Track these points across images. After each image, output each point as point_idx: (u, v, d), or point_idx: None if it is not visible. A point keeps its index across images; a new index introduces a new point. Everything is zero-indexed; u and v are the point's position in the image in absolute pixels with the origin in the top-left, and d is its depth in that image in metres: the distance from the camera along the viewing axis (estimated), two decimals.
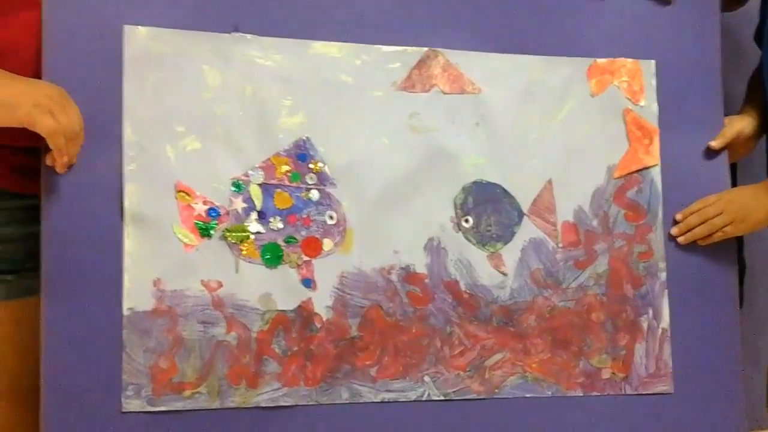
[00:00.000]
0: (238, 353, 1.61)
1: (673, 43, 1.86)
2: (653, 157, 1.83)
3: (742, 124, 1.87)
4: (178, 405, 1.58)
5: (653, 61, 1.86)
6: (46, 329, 1.53)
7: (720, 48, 1.87)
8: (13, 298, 1.60)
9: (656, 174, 1.84)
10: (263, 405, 1.63)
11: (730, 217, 1.78)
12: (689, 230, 1.82)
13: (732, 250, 1.86)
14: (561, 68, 1.81)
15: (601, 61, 1.83)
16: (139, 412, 1.57)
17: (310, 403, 1.65)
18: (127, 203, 1.57)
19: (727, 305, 1.85)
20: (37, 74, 1.52)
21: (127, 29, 1.59)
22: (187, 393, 1.59)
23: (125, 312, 1.56)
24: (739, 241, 1.85)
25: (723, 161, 1.87)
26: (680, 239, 1.82)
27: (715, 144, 1.84)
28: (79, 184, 1.56)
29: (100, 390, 1.55)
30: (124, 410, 1.56)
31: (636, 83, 1.84)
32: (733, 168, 1.92)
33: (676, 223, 1.83)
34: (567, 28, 1.82)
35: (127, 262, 1.57)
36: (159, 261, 1.59)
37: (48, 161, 1.49)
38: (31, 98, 1.43)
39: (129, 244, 1.57)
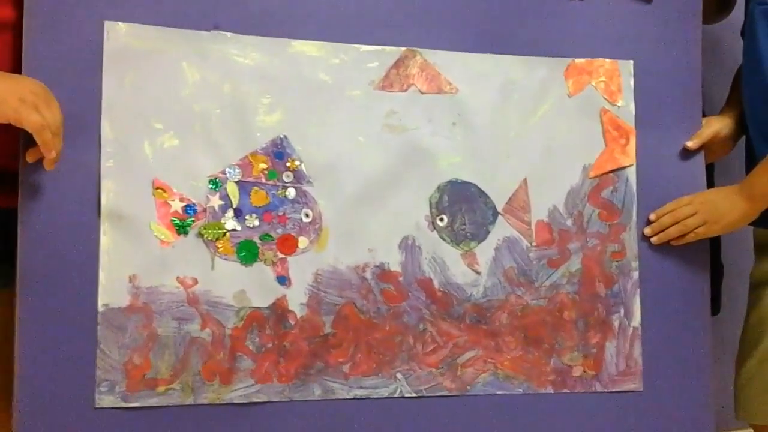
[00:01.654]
0: (213, 350, 1.60)
1: (652, 43, 1.84)
2: (629, 157, 1.81)
3: (720, 125, 1.85)
4: (152, 401, 1.57)
5: (631, 61, 1.83)
6: (20, 324, 1.51)
7: (700, 48, 1.85)
8: None
9: (632, 174, 1.82)
10: (237, 401, 1.62)
11: (703, 218, 1.76)
12: (662, 230, 1.79)
13: (704, 251, 1.84)
14: (538, 68, 1.79)
15: (579, 61, 1.81)
16: (112, 408, 1.56)
17: (283, 400, 1.64)
18: (104, 200, 1.55)
19: (698, 305, 1.84)
20: (14, 71, 1.50)
21: (108, 25, 1.57)
22: (161, 389, 1.57)
23: (100, 308, 1.55)
24: (716, 244, 1.82)
25: (699, 162, 1.85)
26: (653, 239, 1.80)
27: (691, 144, 1.82)
28: (56, 180, 1.53)
29: (73, 385, 1.54)
30: (97, 406, 1.55)
31: (614, 83, 1.82)
32: (710, 168, 1.90)
33: (649, 223, 1.80)
34: (545, 28, 1.79)
35: (103, 258, 1.55)
36: (135, 257, 1.57)
37: (30, 158, 1.47)
38: (16, 94, 1.41)
39: (105, 240, 1.56)
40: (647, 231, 1.81)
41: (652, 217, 1.81)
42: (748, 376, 1.85)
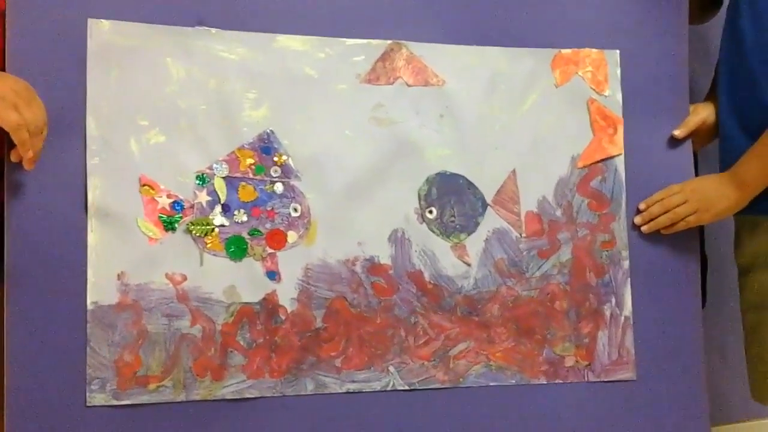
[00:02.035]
0: (203, 346, 1.58)
1: (638, 32, 1.82)
2: (617, 146, 1.80)
3: (707, 112, 1.83)
4: (144, 398, 1.56)
5: (617, 51, 1.82)
6: (10, 323, 1.50)
7: (687, 36, 1.83)
8: None
9: (620, 163, 1.81)
10: (229, 397, 1.60)
11: (693, 207, 1.74)
12: (652, 219, 1.78)
13: (695, 239, 1.83)
14: (525, 59, 1.78)
15: (565, 51, 1.80)
16: (104, 405, 1.55)
17: (276, 395, 1.63)
18: (90, 197, 1.54)
19: (689, 293, 1.83)
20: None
21: (91, 22, 1.56)
22: (152, 386, 1.56)
23: (89, 306, 1.54)
24: (700, 236, 1.81)
25: (687, 150, 1.84)
26: (643, 228, 1.79)
27: (678, 133, 1.80)
28: (42, 178, 1.53)
29: (64, 384, 1.53)
30: (88, 404, 1.54)
31: (600, 73, 1.80)
32: (694, 156, 1.87)
33: (639, 212, 1.79)
34: (531, 20, 1.78)
35: (91, 256, 1.55)
36: (123, 255, 1.56)
37: (13, 158, 1.45)
38: None
39: (93, 237, 1.54)
40: (637, 220, 1.80)
41: (642, 206, 1.80)
42: (757, 359, 1.85)
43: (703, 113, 1.83)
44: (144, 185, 1.57)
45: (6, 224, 1.50)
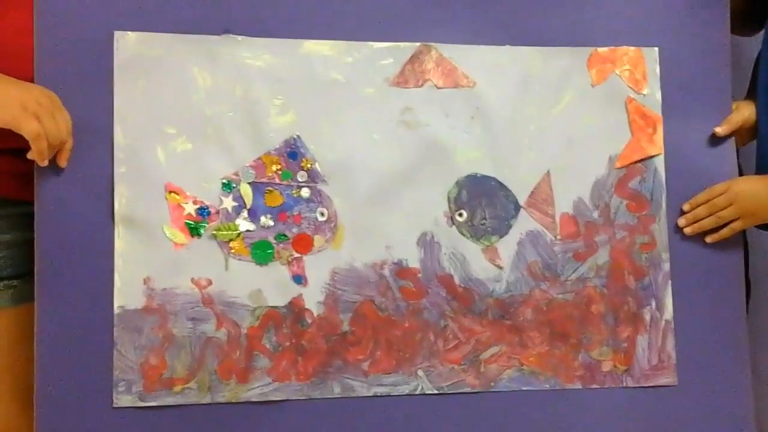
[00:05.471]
0: (228, 349, 1.44)
1: (677, 29, 1.59)
2: (656, 146, 1.57)
3: (750, 111, 1.58)
4: (169, 400, 1.43)
5: (656, 48, 1.59)
6: (39, 328, 1.40)
7: (729, 31, 1.59)
8: (19, 303, 1.47)
9: (660, 163, 1.58)
10: (254, 400, 1.46)
11: (739, 211, 1.51)
12: (696, 221, 1.51)
13: (738, 239, 1.58)
14: (559, 59, 1.57)
15: (601, 49, 1.57)
16: (130, 407, 1.42)
17: (302, 398, 1.47)
18: (117, 205, 1.42)
19: (733, 295, 1.59)
20: (30, 76, 1.39)
21: (118, 35, 1.44)
22: (178, 388, 1.43)
23: (116, 310, 1.42)
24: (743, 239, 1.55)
25: (729, 148, 1.59)
26: (687, 230, 1.56)
27: (720, 130, 1.55)
28: (70, 187, 1.41)
29: (92, 386, 1.41)
30: (115, 406, 1.42)
31: (638, 72, 1.57)
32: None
33: (682, 213, 1.56)
34: (565, 17, 1.57)
35: (118, 261, 1.42)
36: (149, 260, 1.44)
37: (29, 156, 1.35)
38: (19, 101, 1.30)
39: (119, 244, 1.42)
40: (681, 222, 1.56)
41: (686, 207, 1.57)
42: None
43: (745, 111, 1.58)
44: (170, 192, 1.44)
45: (36, 231, 1.40)
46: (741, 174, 1.59)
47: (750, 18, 1.68)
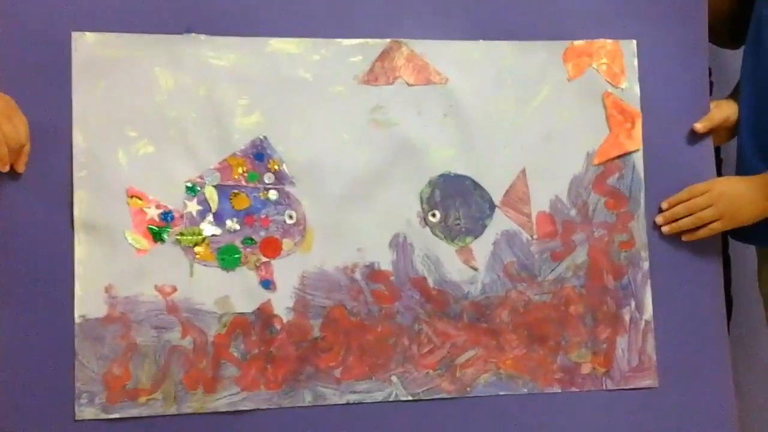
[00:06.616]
0: (195, 358, 1.38)
1: (655, 21, 1.53)
2: (635, 141, 1.51)
3: (731, 110, 1.53)
4: (134, 411, 1.37)
5: (634, 41, 1.53)
6: None
7: (707, 25, 1.52)
8: None
9: (638, 159, 1.52)
10: (222, 410, 1.39)
11: (719, 212, 1.45)
12: (675, 220, 1.45)
13: (717, 238, 1.50)
14: (534, 53, 1.51)
15: (578, 43, 1.51)
16: (93, 419, 1.37)
17: (272, 407, 1.40)
18: (77, 210, 1.36)
19: (712, 294, 1.54)
20: None
21: (76, 35, 1.37)
22: (143, 399, 1.37)
23: (77, 319, 1.36)
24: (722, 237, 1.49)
25: (708, 146, 1.54)
26: (665, 229, 1.50)
27: (699, 127, 1.49)
28: (28, 192, 1.36)
29: (53, 398, 1.36)
30: (77, 418, 1.36)
31: (616, 65, 1.51)
32: (716, 151, 1.55)
33: (661, 211, 1.48)
34: (539, 10, 1.51)
35: (78, 269, 1.37)
36: (111, 267, 1.38)
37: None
38: None
39: (80, 251, 1.36)
40: (659, 219, 1.51)
41: (664, 205, 1.51)
42: None
43: (726, 110, 1.53)
44: (132, 197, 1.38)
45: None
46: (719, 171, 1.53)
47: (732, 29, 1.63)
